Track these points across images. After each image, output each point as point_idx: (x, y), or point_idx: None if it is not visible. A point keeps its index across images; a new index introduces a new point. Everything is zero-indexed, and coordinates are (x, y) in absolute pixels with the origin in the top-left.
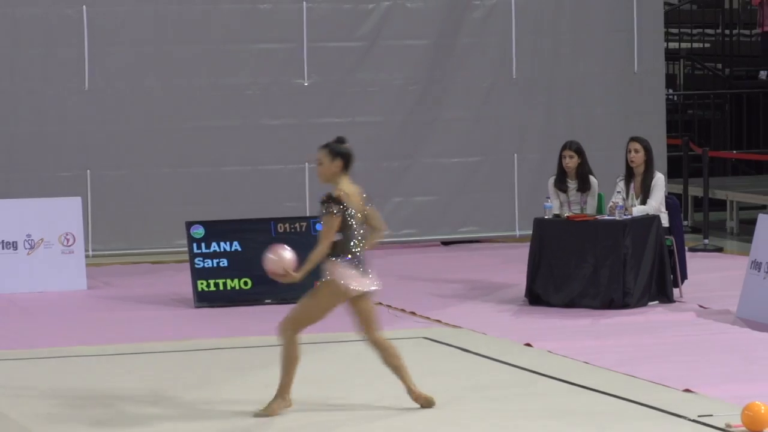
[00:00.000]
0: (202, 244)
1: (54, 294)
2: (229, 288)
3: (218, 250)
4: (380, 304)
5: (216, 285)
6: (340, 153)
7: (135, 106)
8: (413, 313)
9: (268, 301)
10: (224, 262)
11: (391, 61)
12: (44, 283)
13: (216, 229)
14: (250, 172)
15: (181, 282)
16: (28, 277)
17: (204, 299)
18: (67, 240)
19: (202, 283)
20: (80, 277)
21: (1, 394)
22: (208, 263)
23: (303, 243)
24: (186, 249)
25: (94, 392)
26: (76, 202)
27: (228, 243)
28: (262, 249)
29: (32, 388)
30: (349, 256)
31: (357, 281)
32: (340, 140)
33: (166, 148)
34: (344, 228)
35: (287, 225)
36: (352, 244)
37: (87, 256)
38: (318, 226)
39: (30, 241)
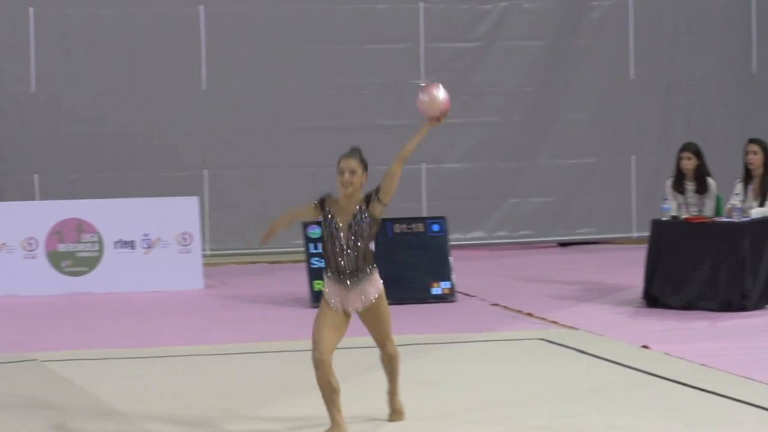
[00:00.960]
0: (319, 244)
1: (171, 293)
2: None
3: None
4: (497, 305)
5: None
6: (366, 165)
7: (252, 105)
8: (530, 315)
9: (388, 301)
10: None
11: (508, 61)
12: (161, 282)
13: None
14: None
15: (297, 282)
16: (145, 277)
17: (320, 299)
18: (185, 239)
19: (318, 284)
20: (197, 277)
21: (118, 392)
22: (325, 263)
23: (419, 243)
24: (302, 249)
25: (210, 391)
26: (193, 201)
27: None
28: (379, 250)
29: (149, 386)
30: (330, 272)
31: (337, 300)
32: (360, 151)
33: (283, 148)
34: (325, 240)
35: (404, 225)
36: (334, 258)
37: (204, 256)
38: (434, 227)
39: (147, 241)
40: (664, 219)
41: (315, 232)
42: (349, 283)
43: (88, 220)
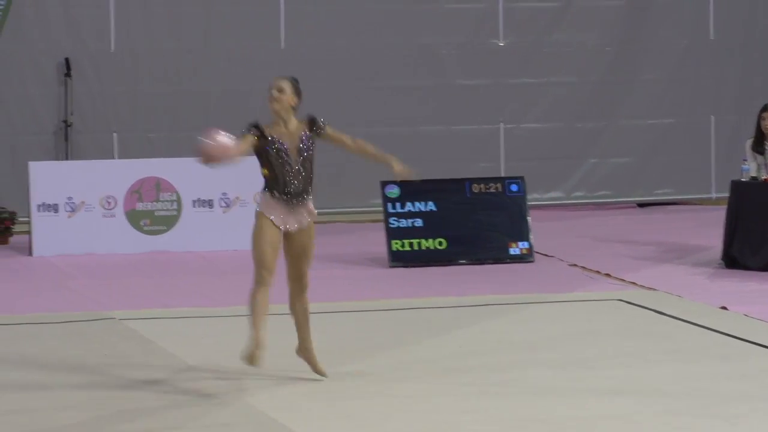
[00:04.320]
0: (397, 204)
1: (249, 252)
2: (423, 248)
3: (413, 210)
4: (575, 266)
5: (410, 245)
6: (299, 91)
7: (329, 64)
8: (608, 275)
9: (463, 261)
10: (419, 222)
11: (587, 21)
12: (239, 241)
13: (411, 189)
14: (444, 132)
15: (376, 241)
16: (223, 236)
17: (398, 259)
18: None
19: (396, 243)
20: None
21: (195, 351)
22: (403, 223)
23: (497, 203)
24: (380, 209)
25: (285, 351)
26: None
27: (423, 203)
28: (458, 210)
29: (226, 345)
30: (276, 192)
31: (278, 217)
32: (297, 81)
33: (361, 108)
34: (268, 163)
35: (482, 185)
36: (280, 180)
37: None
38: (512, 187)
39: (226, 200)
40: (744, 180)
41: (393, 191)
42: (294, 203)
43: (166, 179)
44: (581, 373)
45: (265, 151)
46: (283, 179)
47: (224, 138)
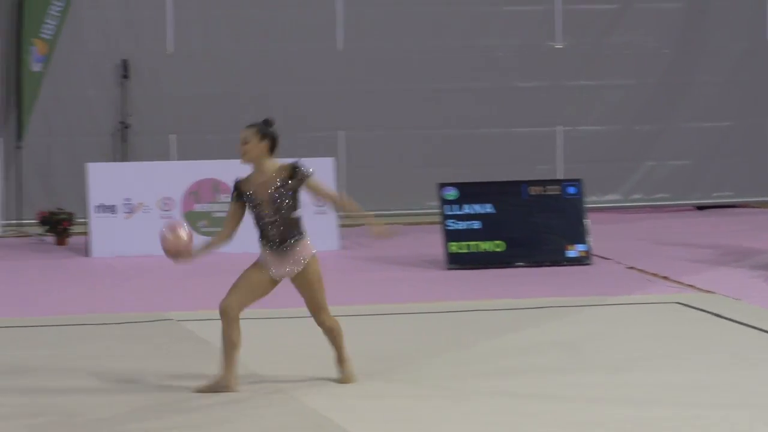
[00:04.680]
0: (455, 206)
1: None
2: (481, 250)
3: (471, 212)
4: (633, 268)
5: (468, 247)
6: (267, 134)
7: (388, 66)
8: (666, 278)
9: (520, 263)
10: (477, 225)
11: (645, 24)
12: None
13: (469, 191)
14: (501, 135)
15: (432, 243)
16: None
17: (456, 261)
18: (320, 200)
19: (454, 245)
20: (333, 238)
21: (252, 352)
22: (461, 225)
23: (555, 206)
24: (437, 211)
25: (348, 351)
26: (328, 162)
27: (481, 205)
28: (515, 212)
29: (283, 347)
30: (263, 240)
31: (270, 264)
32: (268, 122)
33: (419, 109)
34: (252, 214)
35: (539, 187)
36: (262, 229)
37: (340, 217)
38: (570, 189)
39: None
40: None
41: (451, 193)
42: (280, 251)
43: (224, 181)
44: (639, 376)
45: (247, 206)
46: (264, 231)
47: (183, 234)
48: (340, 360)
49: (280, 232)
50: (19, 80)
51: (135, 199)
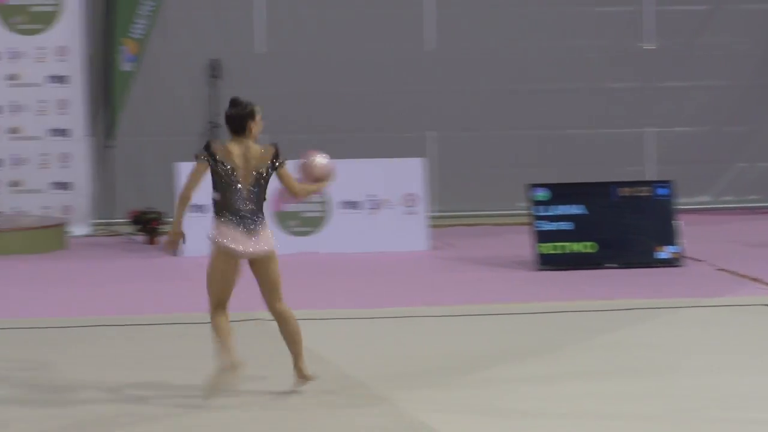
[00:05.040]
0: (546, 207)
1: (395, 254)
2: (572, 251)
3: (563, 213)
4: (723, 270)
5: (559, 248)
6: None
7: (479, 67)
8: (756, 280)
9: (611, 265)
10: (568, 225)
11: (736, 25)
12: (386, 243)
13: (561, 192)
14: (590, 135)
15: (521, 244)
16: (370, 238)
17: (547, 262)
18: (410, 200)
19: (544, 246)
20: (422, 238)
21: (341, 352)
22: (552, 226)
23: (646, 207)
24: (526, 211)
25: (433, 353)
26: (418, 163)
27: (573, 206)
28: (606, 213)
29: (372, 347)
30: (230, 215)
31: (236, 242)
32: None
33: (510, 110)
34: (220, 185)
35: (629, 189)
36: (232, 203)
37: (430, 217)
38: (661, 191)
39: (373, 202)
40: None
41: (542, 194)
42: (247, 227)
43: None
44: (731, 378)
45: (216, 173)
46: (231, 202)
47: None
48: (298, 359)
49: (251, 209)
50: (109, 80)
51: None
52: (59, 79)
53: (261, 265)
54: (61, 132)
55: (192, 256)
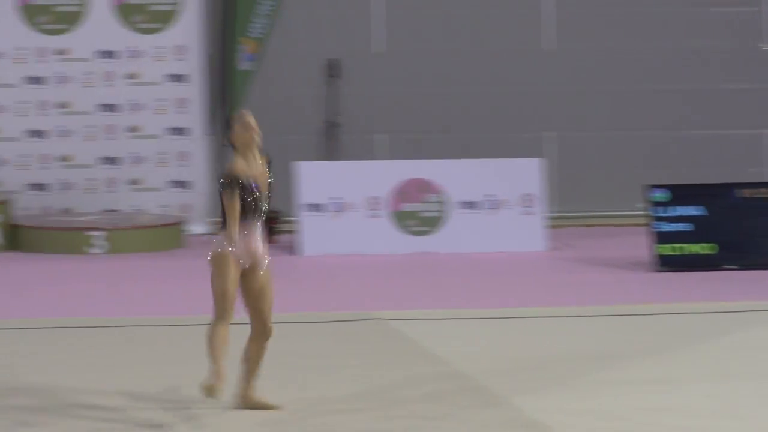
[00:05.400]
0: (666, 208)
1: (513, 254)
2: (691, 252)
3: (683, 214)
4: None
5: (678, 249)
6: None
7: (598, 67)
8: None
9: (732, 267)
10: (687, 227)
11: None
12: (503, 243)
13: (681, 193)
14: (710, 136)
15: (639, 245)
16: (488, 238)
17: (666, 263)
18: (528, 201)
19: (663, 247)
20: (540, 239)
21: (458, 352)
22: (671, 227)
23: (767, 210)
24: (644, 212)
25: (550, 354)
26: (536, 163)
27: (692, 207)
28: (727, 214)
29: (489, 348)
30: (243, 219)
31: (241, 258)
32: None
33: (628, 111)
34: (246, 202)
35: (752, 190)
36: (251, 215)
37: (549, 218)
38: None
39: (491, 202)
40: None
41: (662, 195)
42: (254, 236)
43: (432, 180)
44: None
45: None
46: (252, 214)
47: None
48: (250, 395)
49: (262, 222)
50: (227, 79)
51: (343, 198)
52: (178, 78)
53: (255, 276)
54: (179, 131)
55: (308, 256)
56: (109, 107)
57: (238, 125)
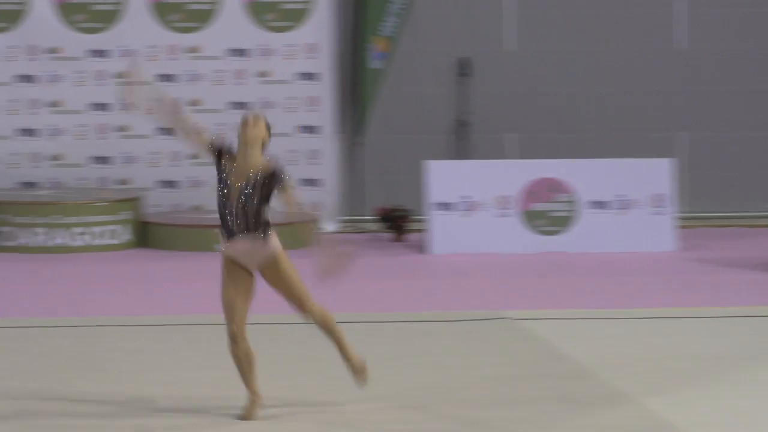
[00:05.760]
0: None
1: (643, 255)
2: None
3: None
4: None
5: None
6: (269, 129)
7: (730, 66)
8: None
9: None
10: None
11: None
12: (633, 243)
13: None
14: None
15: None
16: (618, 237)
17: None
18: (658, 201)
19: None
20: (670, 239)
21: (590, 352)
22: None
23: None
24: None
25: (679, 355)
26: (666, 163)
27: None
28: None
29: (619, 348)
30: (224, 232)
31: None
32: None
33: (760, 111)
34: (219, 198)
35: None
36: (221, 217)
37: (680, 218)
38: None
39: (621, 201)
40: None
41: None
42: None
43: (562, 180)
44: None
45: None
46: (223, 217)
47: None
48: (346, 357)
49: (242, 224)
50: (358, 77)
51: (472, 196)
52: (309, 76)
53: (266, 275)
54: (310, 129)
55: (437, 254)
56: (239, 105)
57: (240, 122)
